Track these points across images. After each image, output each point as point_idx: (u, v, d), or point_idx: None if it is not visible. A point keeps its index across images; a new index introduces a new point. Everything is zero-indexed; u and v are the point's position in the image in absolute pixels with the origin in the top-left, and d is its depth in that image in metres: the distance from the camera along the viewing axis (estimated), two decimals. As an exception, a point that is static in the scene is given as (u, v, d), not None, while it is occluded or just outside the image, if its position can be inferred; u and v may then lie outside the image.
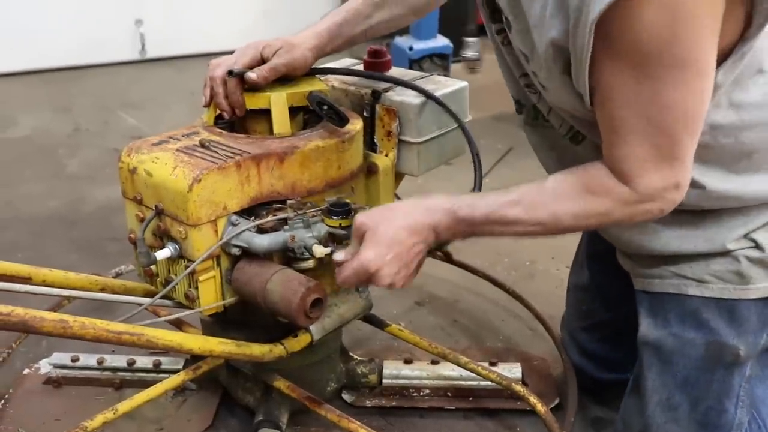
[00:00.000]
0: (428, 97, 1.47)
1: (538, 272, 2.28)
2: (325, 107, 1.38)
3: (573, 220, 1.15)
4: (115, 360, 1.73)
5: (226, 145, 1.32)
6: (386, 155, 1.52)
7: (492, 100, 2.85)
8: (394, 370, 1.70)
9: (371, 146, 1.54)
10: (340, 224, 1.29)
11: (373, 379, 1.68)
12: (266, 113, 1.38)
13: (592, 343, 1.67)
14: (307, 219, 1.29)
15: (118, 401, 1.39)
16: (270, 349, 1.36)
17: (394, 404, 1.68)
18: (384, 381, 1.68)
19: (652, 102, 1.03)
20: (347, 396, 1.69)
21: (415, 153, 1.51)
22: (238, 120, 1.42)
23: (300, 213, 1.29)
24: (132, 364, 1.72)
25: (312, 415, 1.54)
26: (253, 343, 1.35)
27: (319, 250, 1.27)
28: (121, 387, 1.70)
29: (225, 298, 1.34)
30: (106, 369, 1.72)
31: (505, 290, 2.04)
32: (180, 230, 1.26)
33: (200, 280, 1.28)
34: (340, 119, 1.39)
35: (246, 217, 1.31)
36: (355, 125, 1.43)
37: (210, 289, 1.31)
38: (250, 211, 1.32)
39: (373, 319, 1.67)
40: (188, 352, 1.28)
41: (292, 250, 1.28)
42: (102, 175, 2.97)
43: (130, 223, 1.36)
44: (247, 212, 1.31)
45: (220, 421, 1.64)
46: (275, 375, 1.52)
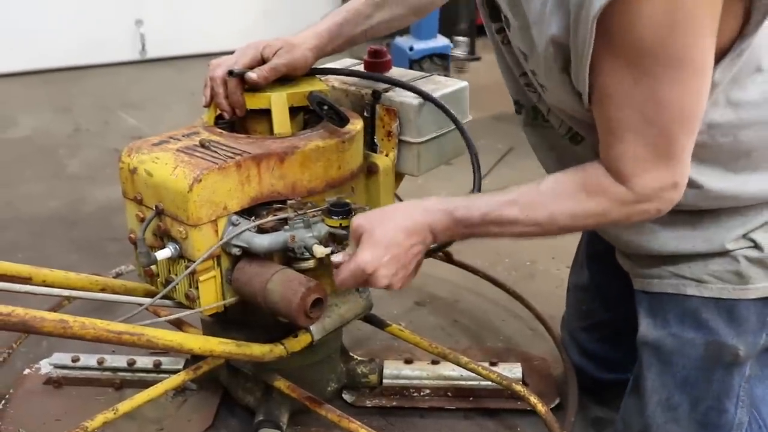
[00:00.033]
0: (426, 98, 1.47)
1: (539, 272, 2.28)
2: (326, 107, 1.38)
3: (570, 220, 1.15)
4: (116, 360, 1.73)
5: (227, 145, 1.32)
6: (386, 155, 1.52)
7: (492, 100, 2.85)
8: (394, 370, 1.70)
9: (371, 146, 1.54)
10: (341, 224, 1.29)
11: (373, 379, 1.68)
12: (266, 113, 1.38)
13: (592, 343, 1.67)
14: (307, 219, 1.29)
15: (118, 401, 1.39)
16: (270, 349, 1.36)
17: (394, 404, 1.68)
18: (384, 381, 1.68)
19: (649, 100, 1.03)
20: (347, 396, 1.69)
21: (416, 153, 1.51)
22: (239, 120, 1.42)
23: (300, 213, 1.29)
24: (132, 364, 1.72)
25: (312, 415, 1.53)
26: (254, 343, 1.35)
27: (320, 250, 1.27)
28: (121, 387, 1.70)
29: (225, 298, 1.34)
30: (107, 369, 1.72)
31: (505, 290, 2.04)
32: (180, 230, 1.26)
33: (200, 280, 1.28)
34: (341, 119, 1.39)
35: (246, 217, 1.31)
36: (356, 125, 1.43)
37: (210, 289, 1.31)
38: (251, 211, 1.32)
39: (373, 319, 1.67)
40: (188, 352, 1.28)
41: (293, 250, 1.28)
42: (102, 176, 2.97)
43: (130, 223, 1.36)
44: (247, 212, 1.31)
45: (221, 421, 1.64)
46: (275, 375, 1.52)
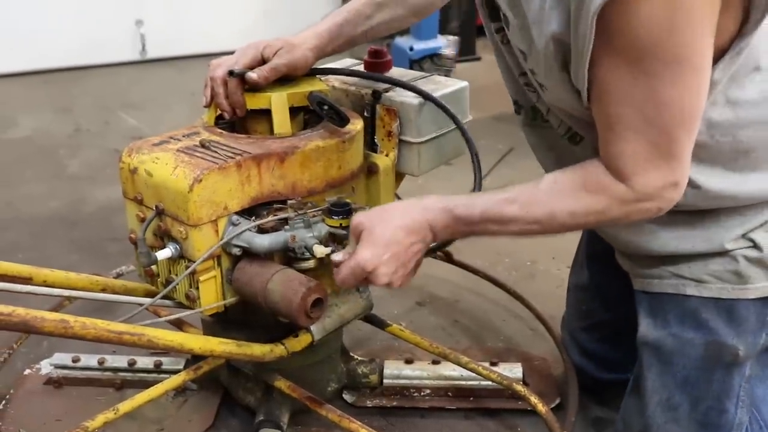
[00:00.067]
0: (427, 98, 1.47)
1: (539, 272, 2.28)
2: (326, 107, 1.38)
3: (570, 218, 1.15)
4: (116, 360, 1.73)
5: (227, 146, 1.32)
6: (387, 155, 1.52)
7: (492, 100, 2.85)
8: (395, 370, 1.70)
9: (372, 146, 1.54)
10: (341, 224, 1.29)
11: (373, 379, 1.68)
12: (267, 113, 1.38)
13: (592, 343, 1.67)
14: (307, 219, 1.29)
15: (119, 401, 1.39)
16: (271, 349, 1.36)
17: (395, 404, 1.68)
18: (385, 381, 1.68)
19: (648, 98, 1.03)
20: (348, 396, 1.69)
21: (416, 153, 1.51)
22: (239, 120, 1.42)
23: (301, 213, 1.29)
24: (133, 364, 1.72)
25: (313, 415, 1.53)
26: (254, 343, 1.35)
27: (320, 250, 1.27)
28: (122, 387, 1.70)
29: (226, 298, 1.34)
30: (107, 369, 1.72)
31: (505, 290, 2.04)
32: (181, 230, 1.26)
33: (201, 280, 1.28)
34: (341, 119, 1.39)
35: (247, 217, 1.31)
36: (356, 125, 1.43)
37: (211, 289, 1.31)
38: (251, 211, 1.32)
39: (373, 319, 1.67)
40: (189, 352, 1.28)
41: (293, 250, 1.28)
42: (103, 176, 2.97)
43: (130, 223, 1.36)
44: (247, 212, 1.31)
45: (221, 421, 1.64)
46: (276, 375, 1.52)
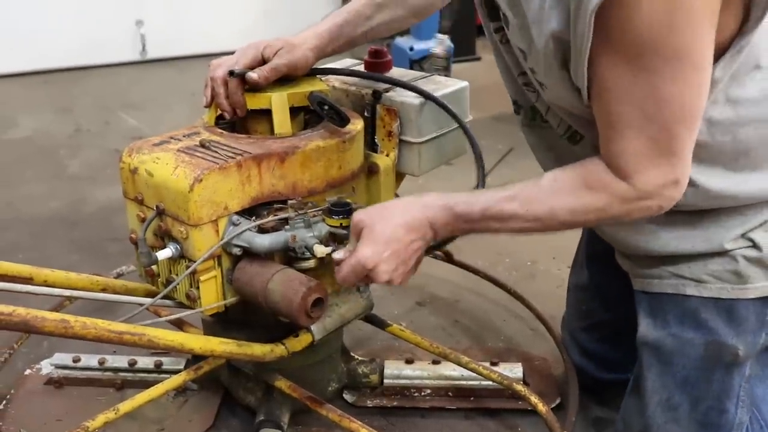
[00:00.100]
0: (428, 98, 1.47)
1: (539, 272, 2.28)
2: (326, 107, 1.38)
3: (570, 216, 1.15)
4: (117, 360, 1.73)
5: (227, 146, 1.32)
6: (387, 155, 1.52)
7: (492, 100, 2.86)
8: (395, 370, 1.70)
9: (372, 146, 1.54)
10: (341, 224, 1.29)
11: (374, 379, 1.68)
12: (267, 113, 1.38)
13: (592, 343, 1.67)
14: (308, 219, 1.29)
15: (119, 401, 1.39)
16: (271, 349, 1.36)
17: (395, 404, 1.68)
18: (385, 381, 1.68)
19: (648, 96, 1.03)
20: (348, 396, 1.69)
21: (416, 153, 1.51)
22: (239, 120, 1.42)
23: (301, 213, 1.29)
24: (133, 364, 1.72)
25: (313, 415, 1.53)
26: (255, 343, 1.35)
27: (321, 250, 1.27)
28: (122, 387, 1.70)
29: (226, 298, 1.34)
30: (108, 369, 1.72)
31: (506, 290, 2.04)
32: (181, 230, 1.26)
33: (201, 280, 1.28)
34: (341, 119, 1.39)
35: (247, 217, 1.31)
36: (356, 125, 1.43)
37: (211, 289, 1.31)
38: (251, 211, 1.32)
39: (374, 319, 1.67)
40: (189, 352, 1.28)
41: (293, 249, 1.28)
42: (103, 176, 2.97)
43: (131, 223, 1.36)
44: (248, 212, 1.31)
45: (222, 421, 1.64)
46: (276, 375, 1.52)
